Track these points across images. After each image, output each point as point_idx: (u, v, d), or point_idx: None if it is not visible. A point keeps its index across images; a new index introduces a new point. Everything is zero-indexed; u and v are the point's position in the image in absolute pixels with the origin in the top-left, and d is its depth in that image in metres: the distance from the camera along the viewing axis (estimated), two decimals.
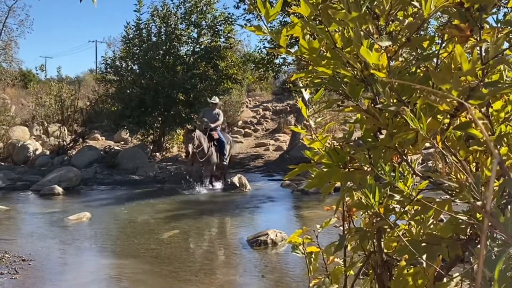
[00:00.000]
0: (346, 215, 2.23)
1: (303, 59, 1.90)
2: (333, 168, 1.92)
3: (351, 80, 1.79)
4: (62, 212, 10.21)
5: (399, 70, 1.68)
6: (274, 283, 6.08)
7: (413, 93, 1.67)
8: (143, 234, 8.38)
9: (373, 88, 1.73)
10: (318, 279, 2.32)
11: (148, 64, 18.37)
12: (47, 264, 6.77)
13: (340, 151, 1.92)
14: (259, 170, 17.52)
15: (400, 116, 1.62)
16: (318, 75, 1.88)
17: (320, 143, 2.01)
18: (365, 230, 1.93)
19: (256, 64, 20.07)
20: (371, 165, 1.77)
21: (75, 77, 36.33)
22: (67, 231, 8.68)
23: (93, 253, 7.39)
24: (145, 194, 12.71)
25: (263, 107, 30.86)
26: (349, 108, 1.91)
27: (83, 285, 6.01)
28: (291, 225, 8.69)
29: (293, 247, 2.39)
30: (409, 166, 1.71)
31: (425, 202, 1.66)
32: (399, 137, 1.62)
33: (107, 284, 6.12)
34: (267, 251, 7.30)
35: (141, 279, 6.18)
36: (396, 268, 1.96)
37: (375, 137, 1.87)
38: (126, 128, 18.92)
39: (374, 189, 1.61)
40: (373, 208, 1.63)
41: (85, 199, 12.13)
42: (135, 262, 6.83)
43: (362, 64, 1.70)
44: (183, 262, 6.81)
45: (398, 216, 1.88)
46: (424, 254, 1.66)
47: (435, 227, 1.80)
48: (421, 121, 1.42)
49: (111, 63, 19.48)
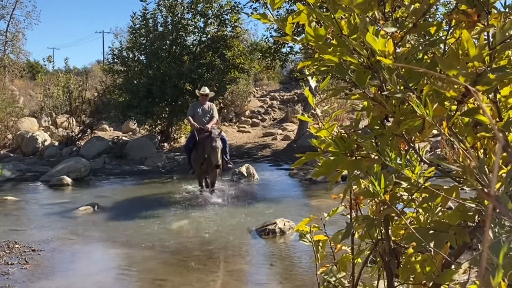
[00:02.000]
0: (353, 203, 2.23)
1: (310, 47, 1.89)
2: (340, 156, 1.91)
3: (357, 67, 1.78)
4: (71, 202, 10.27)
5: (406, 56, 1.67)
6: (283, 271, 6.10)
7: (420, 80, 1.66)
8: (151, 224, 8.42)
9: (380, 75, 1.72)
10: (326, 267, 2.32)
11: (155, 54, 18.36)
12: (56, 254, 6.82)
13: (347, 139, 1.91)
14: (267, 160, 17.52)
15: (407, 103, 1.61)
16: (325, 62, 1.87)
17: (327, 131, 2.00)
18: (372, 218, 1.93)
19: (263, 53, 19.99)
20: (378, 152, 1.76)
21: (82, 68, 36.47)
22: (76, 221, 8.74)
23: (102, 243, 7.43)
24: (154, 184, 12.75)
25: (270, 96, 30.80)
26: (356, 95, 1.90)
27: (93, 274, 6.05)
28: (299, 214, 8.69)
29: (301, 235, 2.40)
30: (416, 154, 1.70)
31: (432, 189, 1.65)
32: (406, 124, 1.61)
33: (117, 274, 6.16)
34: (275, 240, 7.31)
35: (150, 268, 6.22)
36: (403, 255, 1.96)
37: (382, 124, 1.86)
38: (133, 118, 18.94)
39: (380, 177, 1.60)
40: (380, 196, 1.63)
41: (94, 190, 12.19)
42: (144, 252, 6.87)
43: (368, 51, 1.68)
44: (192, 251, 6.84)
45: (405, 203, 1.87)
46: (432, 241, 1.66)
47: (442, 215, 1.79)
48: (427, 108, 1.41)
49: (118, 53, 19.47)
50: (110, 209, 9.77)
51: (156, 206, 9.99)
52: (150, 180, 13.43)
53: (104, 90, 20.15)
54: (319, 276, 2.30)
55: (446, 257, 1.65)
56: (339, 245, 2.32)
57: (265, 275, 6.10)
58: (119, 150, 17.52)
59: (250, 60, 19.80)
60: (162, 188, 12.09)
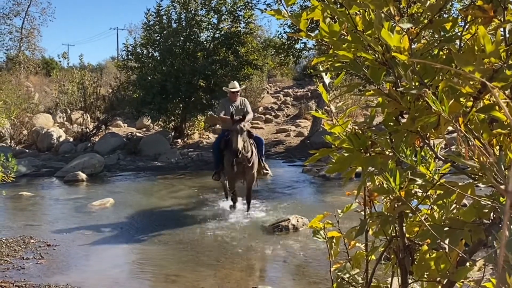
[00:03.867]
0: (367, 200, 2.22)
1: (324, 43, 1.88)
2: (354, 153, 1.91)
3: (372, 64, 1.77)
4: (86, 198, 10.35)
5: (421, 52, 1.66)
6: (296, 268, 6.11)
7: (435, 76, 1.65)
8: (165, 219, 8.46)
9: (395, 71, 1.71)
10: (340, 264, 2.32)
11: (169, 51, 18.40)
12: (71, 250, 6.88)
13: (361, 136, 1.91)
14: (280, 156, 17.50)
15: (422, 99, 1.61)
16: (339, 59, 1.87)
17: (341, 127, 2.00)
18: (386, 214, 1.92)
19: (276, 49, 19.95)
20: (392, 149, 1.76)
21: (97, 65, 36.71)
22: (91, 217, 8.81)
23: (116, 239, 7.49)
24: (167, 180, 12.81)
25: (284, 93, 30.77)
26: (370, 92, 1.89)
27: (106, 270, 6.10)
28: (313, 210, 8.67)
29: (314, 232, 2.39)
30: (431, 150, 1.69)
31: (447, 186, 1.64)
32: (421, 120, 1.60)
33: (130, 269, 6.21)
34: (288, 237, 7.32)
35: (163, 264, 6.25)
36: (418, 252, 1.95)
37: (397, 121, 1.85)
38: (147, 114, 18.99)
39: (395, 173, 1.60)
40: (395, 193, 1.62)
41: (108, 185, 12.27)
42: (157, 248, 6.91)
43: (383, 47, 1.68)
44: (205, 247, 6.86)
45: (420, 200, 1.87)
46: (447, 238, 1.65)
47: (457, 212, 1.78)
48: (443, 104, 1.40)
49: (132, 50, 19.54)
50: (124, 205, 9.83)
51: (169, 202, 10.04)
52: (163, 176, 13.48)
53: (118, 86, 20.24)
54: (332, 273, 2.30)
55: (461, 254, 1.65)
56: (353, 242, 2.32)
57: (279, 272, 6.11)
58: (133, 146, 17.61)
59: (263, 56, 19.77)
60: (176, 184, 12.14)
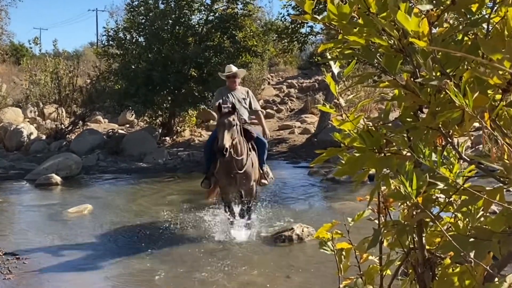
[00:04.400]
0: (381, 206, 2.22)
1: (332, 27, 1.88)
2: (366, 153, 1.91)
3: (387, 51, 1.77)
4: (61, 204, 10.35)
5: (443, 38, 1.66)
6: (300, 284, 6.11)
7: (459, 65, 1.65)
8: (151, 229, 8.46)
9: (413, 60, 1.71)
10: (350, 280, 2.32)
11: (156, 36, 18.39)
12: (44, 263, 6.88)
13: (375, 133, 1.91)
14: (283, 156, 17.52)
15: (444, 92, 1.61)
16: (349, 45, 1.87)
17: (351, 124, 2.00)
18: (403, 223, 1.92)
19: (279, 34, 19.96)
20: (410, 148, 1.76)
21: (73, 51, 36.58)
22: (66, 225, 8.81)
23: (95, 251, 7.48)
24: (154, 184, 12.81)
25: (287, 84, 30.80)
26: (385, 83, 1.89)
27: (84, 285, 6.10)
28: (320, 218, 8.68)
29: (321, 243, 2.40)
30: (454, 150, 1.69)
31: (473, 191, 1.64)
32: (443, 116, 1.60)
33: (111, 285, 6.20)
34: (292, 248, 7.32)
35: (150, 281, 6.25)
36: (439, 267, 1.95)
37: (415, 116, 1.85)
38: (131, 109, 18.98)
39: (411, 176, 1.60)
40: (412, 198, 1.62)
41: (86, 190, 12.27)
42: (142, 262, 6.91)
43: (399, 32, 1.68)
44: (198, 261, 6.87)
45: (442, 207, 1.87)
46: (472, 250, 1.65)
47: (485, 220, 1.78)
48: (467, 97, 1.40)
49: (114, 34, 19.53)
50: (104, 212, 9.83)
51: (156, 209, 10.04)
52: (150, 179, 13.48)
53: (98, 76, 20.22)
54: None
55: (488, 270, 1.65)
56: (365, 254, 2.32)
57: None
58: (115, 145, 17.61)
59: (264, 42, 19.77)
60: (163, 189, 12.15)
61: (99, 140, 18.10)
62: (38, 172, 13.34)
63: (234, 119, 7.35)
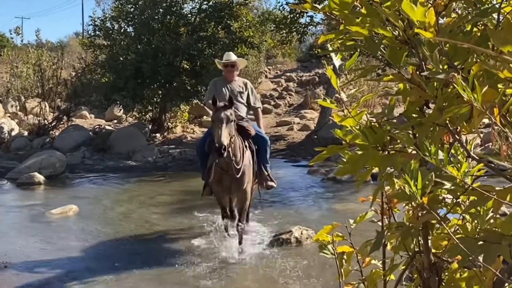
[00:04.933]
0: (385, 207, 2.23)
1: (334, 17, 1.88)
2: (369, 151, 1.91)
3: (391, 42, 1.78)
4: (44, 205, 10.33)
5: (451, 29, 1.66)
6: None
7: (467, 57, 1.65)
8: (140, 231, 8.46)
9: (419, 52, 1.72)
10: (352, 285, 2.33)
11: (145, 26, 18.37)
12: (26, 268, 6.87)
13: (378, 130, 1.91)
14: (281, 154, 17.53)
15: (452, 86, 1.61)
16: (351, 36, 1.87)
17: (354, 120, 2.00)
18: (408, 225, 1.93)
19: (277, 24, 19.97)
20: (415, 146, 1.76)
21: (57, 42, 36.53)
22: (49, 227, 8.79)
23: (80, 254, 7.47)
24: (143, 184, 12.80)
25: (286, 77, 30.80)
26: (389, 76, 1.90)
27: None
28: (319, 220, 8.69)
29: (321, 246, 2.40)
30: (462, 147, 1.70)
31: (482, 191, 1.65)
32: (451, 111, 1.61)
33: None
34: (290, 252, 7.32)
35: (137, 285, 6.25)
36: (446, 271, 1.96)
37: (421, 112, 1.86)
38: (119, 103, 18.97)
39: (417, 175, 1.60)
40: (417, 199, 1.63)
41: (71, 190, 12.26)
42: (129, 266, 6.90)
43: (405, 22, 1.68)
44: (190, 265, 6.86)
45: (449, 208, 1.87)
46: (481, 254, 1.65)
47: (494, 222, 1.79)
48: (475, 92, 1.41)
49: (101, 24, 19.50)
50: (90, 213, 9.82)
51: (145, 209, 10.04)
52: (138, 178, 13.48)
53: (84, 68, 20.18)
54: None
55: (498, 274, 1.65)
56: (368, 258, 2.32)
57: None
58: (102, 141, 17.59)
59: (261, 32, 19.76)
60: (153, 188, 12.14)
61: (84, 136, 18.07)
62: (19, 171, 13.32)
63: (231, 113, 6.72)
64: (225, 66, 7.99)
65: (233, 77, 7.94)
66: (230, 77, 7.92)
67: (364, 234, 2.34)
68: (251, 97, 8.01)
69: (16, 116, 21.07)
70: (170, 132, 20.24)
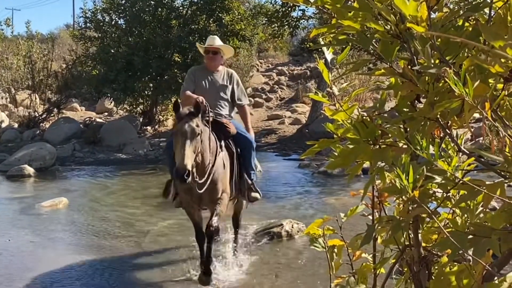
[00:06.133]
0: (376, 201, 2.24)
1: (326, 11, 1.88)
2: (360, 145, 1.92)
3: (383, 36, 1.78)
4: (34, 197, 10.30)
5: (442, 23, 1.67)
6: (289, 284, 6.13)
7: (459, 52, 1.66)
8: (130, 224, 8.44)
9: (411, 46, 1.72)
10: (342, 278, 2.34)
11: (137, 18, 18.31)
12: (15, 260, 6.85)
13: (370, 124, 1.92)
14: (272, 148, 17.54)
15: (443, 81, 1.62)
16: (343, 30, 1.88)
17: (345, 114, 2.01)
18: (399, 219, 1.94)
19: (268, 18, 19.92)
20: (407, 140, 1.77)
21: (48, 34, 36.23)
22: (39, 220, 8.77)
23: (70, 247, 7.46)
24: (134, 177, 12.77)
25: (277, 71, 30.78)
26: (381, 71, 1.90)
27: (57, 283, 6.08)
28: (310, 214, 8.71)
29: (312, 240, 2.41)
30: (453, 142, 1.70)
31: (472, 185, 1.66)
32: (442, 106, 1.61)
33: (85, 283, 6.18)
34: (281, 246, 7.33)
35: (127, 281, 6.25)
36: (436, 265, 1.97)
37: (413, 106, 1.86)
38: (110, 96, 18.91)
39: (408, 169, 1.61)
40: (408, 193, 1.63)
41: (61, 182, 12.21)
42: (119, 258, 6.90)
43: (397, 16, 1.68)
44: (178, 258, 6.86)
45: (439, 202, 1.88)
46: (471, 248, 1.66)
47: (484, 216, 1.80)
48: (467, 86, 1.41)
49: (92, 16, 19.41)
50: (81, 206, 9.80)
51: (136, 203, 10.02)
52: (129, 171, 13.45)
53: (75, 61, 20.10)
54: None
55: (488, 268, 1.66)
56: (358, 251, 2.34)
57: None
58: (92, 134, 17.54)
59: (253, 26, 19.71)
60: (144, 182, 12.12)
61: (75, 129, 18.02)
62: (9, 163, 13.28)
63: (198, 124, 5.34)
64: (206, 52, 6.66)
65: (216, 67, 6.64)
66: (213, 67, 6.62)
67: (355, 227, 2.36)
68: (237, 91, 6.69)
69: (6, 108, 20.97)
70: (161, 125, 20.20)
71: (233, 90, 6.63)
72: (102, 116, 22.59)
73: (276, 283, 6.20)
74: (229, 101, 6.61)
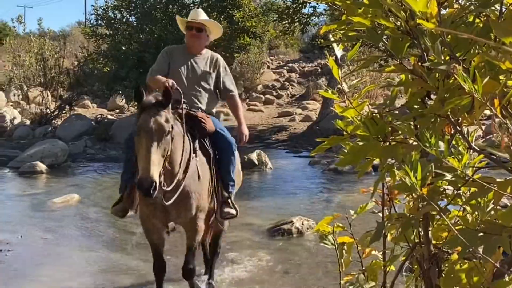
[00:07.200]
0: (386, 198, 2.23)
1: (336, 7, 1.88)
2: (370, 142, 1.91)
3: (393, 33, 1.77)
4: (46, 193, 10.35)
5: (453, 19, 1.66)
6: (299, 280, 6.12)
7: (469, 49, 1.65)
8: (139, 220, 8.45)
9: (421, 43, 1.71)
10: (352, 275, 2.33)
11: (148, 15, 18.34)
12: (27, 256, 6.88)
13: (380, 121, 1.91)
14: (283, 145, 17.52)
15: (453, 77, 1.61)
16: (354, 26, 1.87)
17: (355, 111, 2.00)
18: (409, 216, 1.93)
19: (279, 14, 19.89)
20: (417, 137, 1.76)
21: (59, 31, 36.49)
22: (51, 216, 8.80)
23: (80, 243, 7.48)
24: None
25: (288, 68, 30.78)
26: (391, 67, 1.89)
27: (68, 279, 6.10)
28: (321, 211, 8.70)
29: (322, 237, 2.40)
30: (463, 139, 1.69)
31: (483, 182, 1.65)
32: (452, 102, 1.61)
33: (95, 281, 6.19)
34: (291, 242, 7.33)
35: (137, 275, 6.26)
36: (446, 262, 1.96)
37: (423, 103, 1.85)
38: (121, 93, 18.96)
39: (417, 166, 1.60)
40: (418, 190, 1.63)
41: (73, 179, 12.26)
42: (129, 255, 6.91)
43: (407, 13, 1.68)
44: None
45: (449, 200, 1.87)
46: (481, 245, 1.65)
47: (495, 214, 1.79)
48: (476, 83, 1.40)
49: (103, 13, 19.47)
50: (92, 202, 9.83)
51: None
52: None
53: (86, 58, 20.17)
54: (343, 286, 2.32)
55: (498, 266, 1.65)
56: (368, 249, 2.33)
57: (279, 285, 6.12)
58: (104, 131, 17.60)
59: (263, 23, 19.70)
60: None
61: (87, 126, 18.09)
62: (21, 160, 13.34)
63: (167, 119, 4.11)
64: (188, 29, 5.35)
65: (200, 49, 5.35)
66: (195, 48, 5.32)
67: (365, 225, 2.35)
68: (224, 79, 5.38)
69: (19, 105, 21.09)
70: None
71: (218, 78, 5.33)
72: (113, 113, 22.66)
73: (285, 279, 6.20)
74: (211, 92, 5.30)
